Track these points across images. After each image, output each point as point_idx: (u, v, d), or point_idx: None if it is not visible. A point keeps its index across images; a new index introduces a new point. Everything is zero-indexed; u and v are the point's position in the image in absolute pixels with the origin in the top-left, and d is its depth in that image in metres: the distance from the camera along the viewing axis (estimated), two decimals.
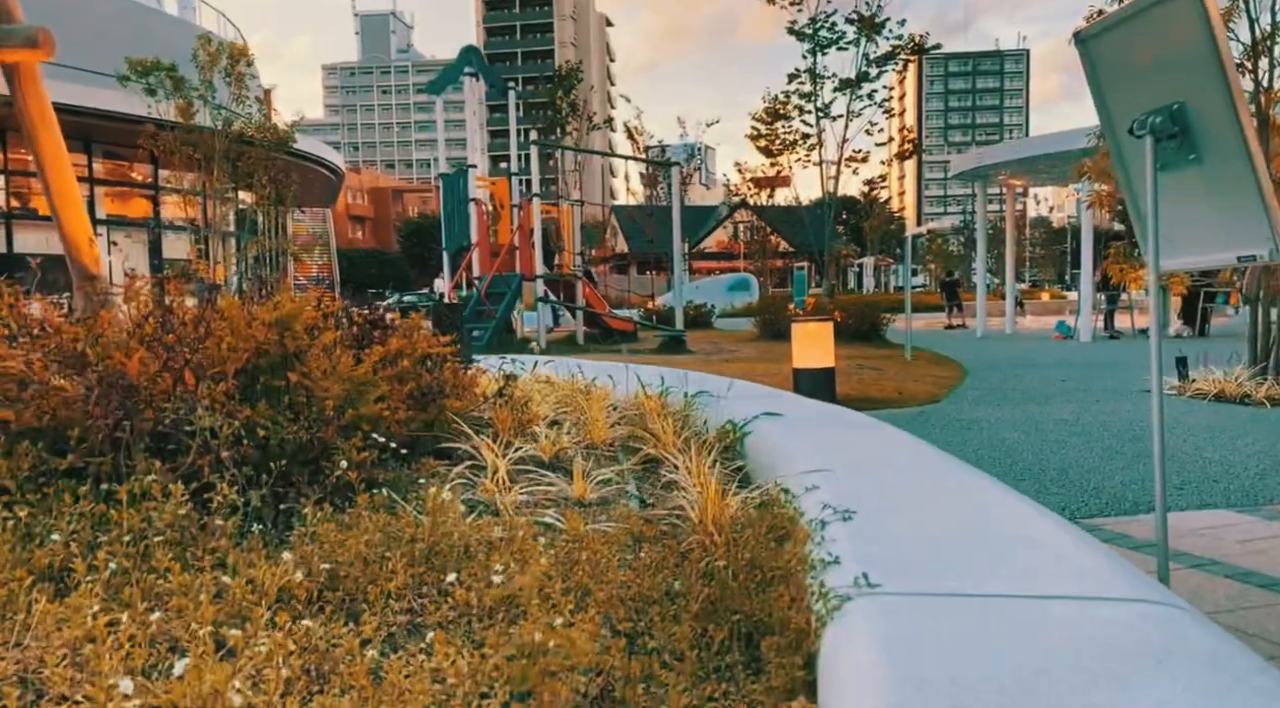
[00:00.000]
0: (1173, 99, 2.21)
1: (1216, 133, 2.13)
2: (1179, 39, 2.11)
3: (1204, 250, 2.33)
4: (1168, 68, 2.20)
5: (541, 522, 2.17)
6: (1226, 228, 2.21)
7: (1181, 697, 0.98)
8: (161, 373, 2.08)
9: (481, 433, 3.27)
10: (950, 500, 2.03)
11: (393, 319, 3.48)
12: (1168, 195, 2.32)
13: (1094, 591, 1.36)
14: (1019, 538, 1.70)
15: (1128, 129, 2.32)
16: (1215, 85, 2.06)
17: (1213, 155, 2.17)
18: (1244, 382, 8.93)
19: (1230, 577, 3.64)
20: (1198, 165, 2.22)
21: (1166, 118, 2.21)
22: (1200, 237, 2.32)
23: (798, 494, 2.22)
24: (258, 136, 20.92)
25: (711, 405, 4.10)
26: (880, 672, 1.10)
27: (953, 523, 1.80)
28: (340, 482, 2.14)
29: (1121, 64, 2.36)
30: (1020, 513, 1.90)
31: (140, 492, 1.85)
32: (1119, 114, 2.43)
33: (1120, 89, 2.40)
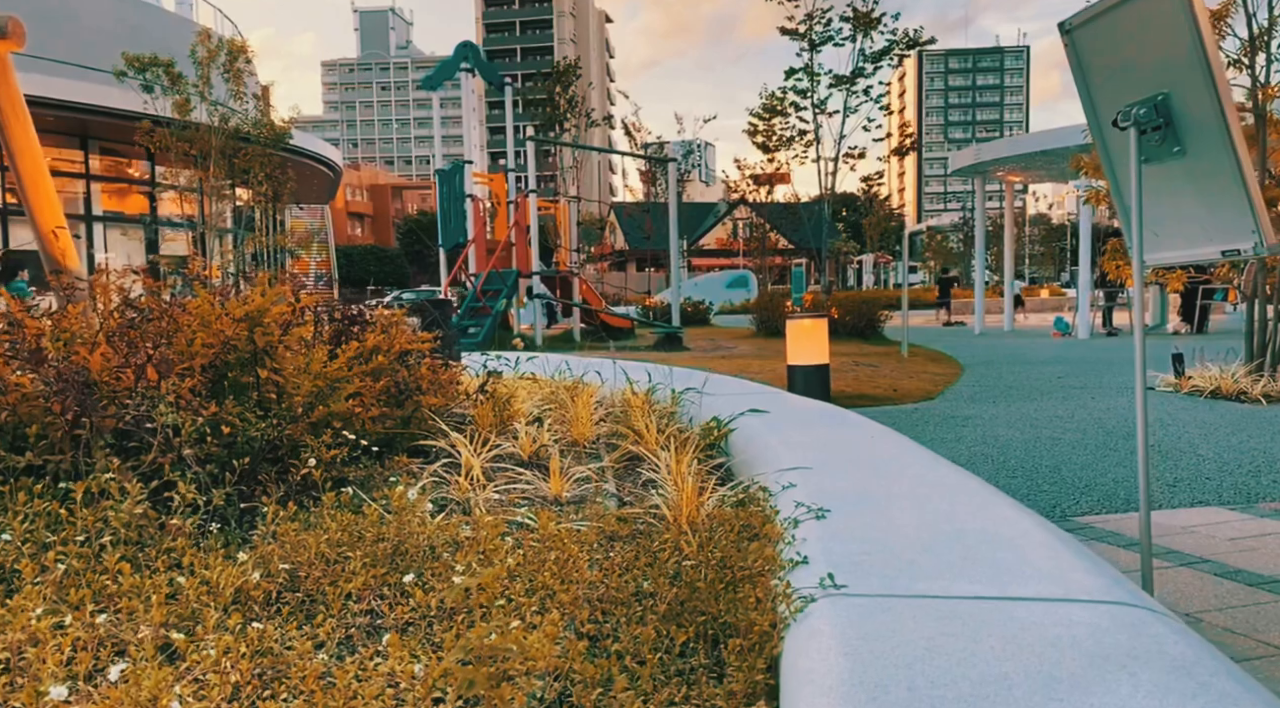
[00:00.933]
0: (1157, 91, 2.17)
1: (1200, 125, 2.08)
2: (1163, 31, 2.07)
3: (1188, 244, 2.29)
4: (1152, 59, 2.16)
5: (513, 521, 2.13)
6: (1211, 221, 2.17)
7: (1143, 703, 0.94)
8: (123, 368, 2.04)
9: (461, 430, 3.23)
10: (928, 499, 1.99)
11: (375, 315, 3.44)
12: (1152, 188, 2.28)
13: (1066, 592, 1.32)
14: (995, 537, 1.66)
15: (1112, 121, 2.28)
16: (1199, 77, 2.02)
17: (1196, 148, 2.13)
18: (1240, 378, 8.89)
19: (1219, 575, 3.60)
20: (1182, 158, 2.17)
21: (1150, 110, 2.17)
22: (1185, 230, 2.28)
23: (775, 492, 2.18)
24: (254, 133, 20.88)
25: (699, 402, 4.06)
26: (837, 676, 1.06)
27: (928, 522, 1.76)
28: (307, 480, 2.10)
29: (1106, 55, 2.32)
30: (999, 512, 1.86)
31: (98, 490, 1.81)
32: (1104, 105, 2.39)
33: (1105, 80, 2.35)
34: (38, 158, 2.76)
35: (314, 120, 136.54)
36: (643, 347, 16.07)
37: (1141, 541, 2.57)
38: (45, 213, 2.76)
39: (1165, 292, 19.66)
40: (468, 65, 17.13)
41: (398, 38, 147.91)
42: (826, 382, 8.83)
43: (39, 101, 21.09)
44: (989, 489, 2.11)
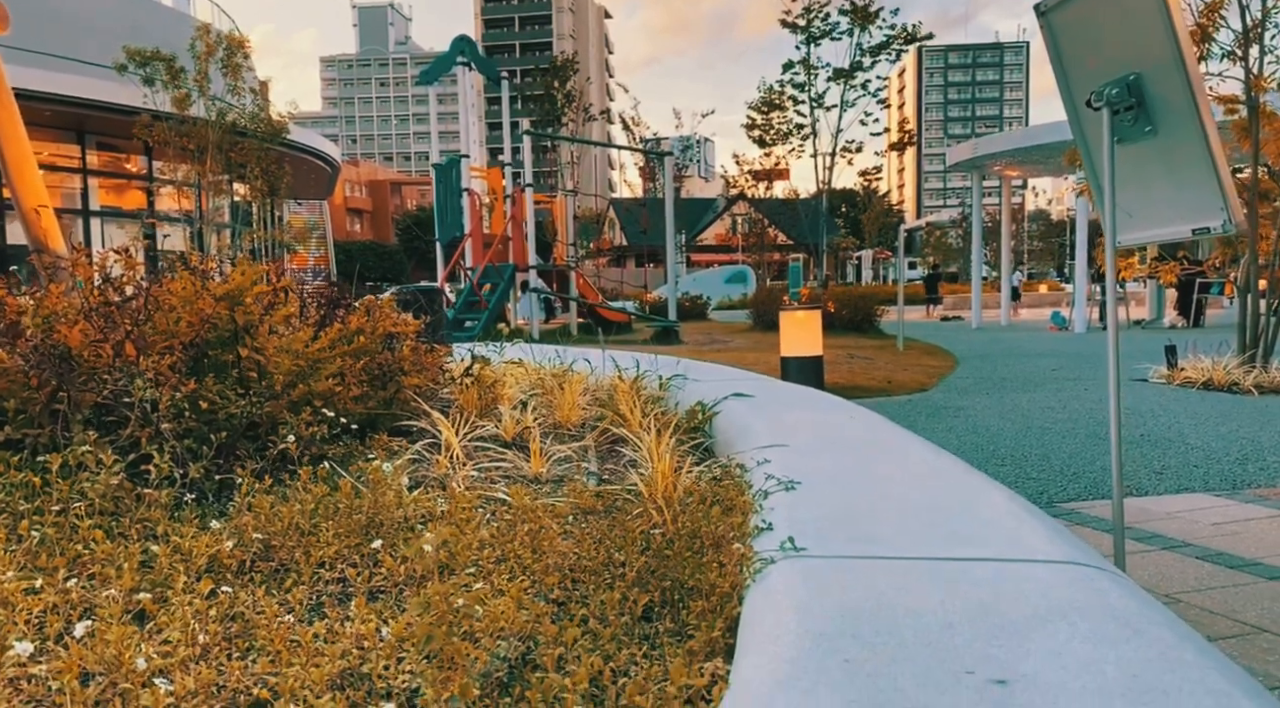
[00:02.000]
0: (1129, 71, 2.18)
1: (1171, 105, 2.10)
2: (1134, 12, 2.09)
3: (1160, 223, 2.31)
4: (1124, 41, 2.17)
5: (492, 498, 2.15)
6: (1181, 200, 2.19)
7: (1076, 647, 0.96)
8: (101, 344, 2.06)
9: (446, 413, 3.25)
10: (901, 475, 2.01)
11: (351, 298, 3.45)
12: (1125, 168, 2.30)
13: (1022, 554, 1.34)
14: (963, 507, 1.68)
15: (1085, 101, 2.30)
16: (1169, 57, 2.04)
17: (1167, 127, 2.14)
18: (1232, 370, 8.92)
19: (1201, 558, 3.63)
20: (1153, 137, 2.19)
21: (1123, 90, 2.18)
22: (1157, 209, 2.29)
23: (750, 468, 2.20)
24: (251, 127, 20.89)
25: (686, 388, 4.08)
26: (787, 628, 1.08)
27: (897, 494, 1.78)
28: (285, 455, 2.12)
29: (1080, 37, 2.33)
30: (971, 486, 1.88)
31: (75, 463, 1.83)
32: (1078, 86, 2.40)
33: (1079, 61, 2.37)
34: (22, 140, 2.78)
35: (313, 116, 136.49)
36: (639, 341, 16.09)
37: (1115, 519, 2.59)
38: (28, 193, 2.78)
39: (1160, 287, 19.68)
40: (464, 59, 17.13)
41: (397, 34, 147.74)
42: (820, 373, 8.85)
43: (36, 96, 21.07)
44: (964, 467, 2.13)
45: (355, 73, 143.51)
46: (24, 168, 2.75)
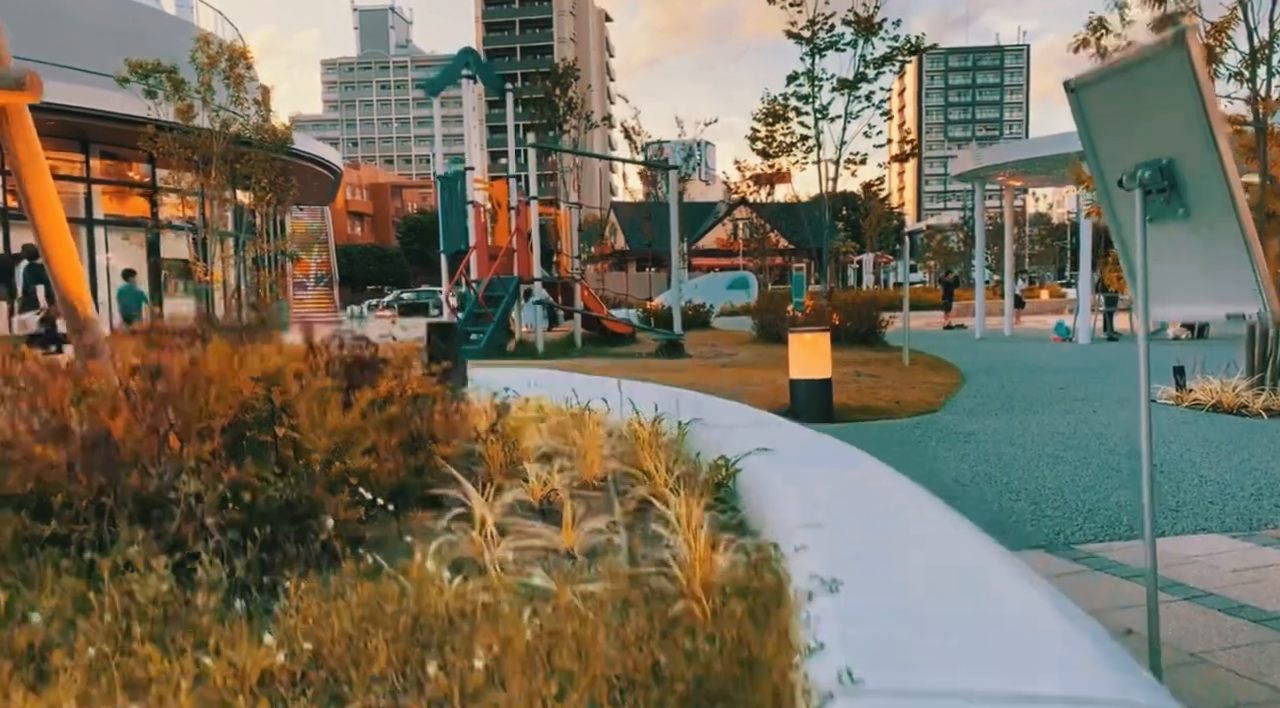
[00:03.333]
0: (1162, 153, 2.19)
1: (1205, 190, 2.11)
2: (1167, 95, 2.10)
3: (1194, 303, 2.32)
4: (1157, 122, 2.18)
5: (528, 584, 2.16)
6: (1216, 283, 2.20)
7: None
8: (147, 435, 2.07)
9: (472, 471, 3.26)
10: (942, 568, 2.02)
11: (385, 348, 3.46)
12: (1158, 247, 2.31)
13: (1080, 689, 1.35)
14: (1010, 621, 1.69)
15: (1117, 182, 2.30)
16: (1203, 144, 2.05)
17: (1201, 212, 2.16)
18: (1241, 392, 8.93)
19: (1224, 611, 3.63)
20: (1186, 220, 2.20)
21: (1156, 173, 2.19)
22: (1190, 289, 2.30)
23: (786, 555, 2.21)
24: (255, 138, 20.91)
25: (705, 434, 4.09)
26: None
27: (941, 598, 1.79)
28: (326, 545, 2.13)
29: (1111, 116, 2.34)
30: (1014, 588, 1.89)
31: (124, 562, 1.84)
32: (1109, 164, 2.41)
33: (1110, 140, 2.38)
34: (57, 211, 2.79)
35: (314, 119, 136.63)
36: (643, 354, 16.10)
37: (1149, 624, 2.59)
38: (65, 268, 2.79)
39: None
40: (469, 72, 17.16)
41: (397, 36, 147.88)
42: (829, 396, 8.87)
43: (40, 106, 21.12)
44: (1002, 556, 2.14)
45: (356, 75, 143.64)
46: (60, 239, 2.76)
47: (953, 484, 5.92)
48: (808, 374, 8.75)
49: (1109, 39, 9.31)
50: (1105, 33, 9.29)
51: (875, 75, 16.82)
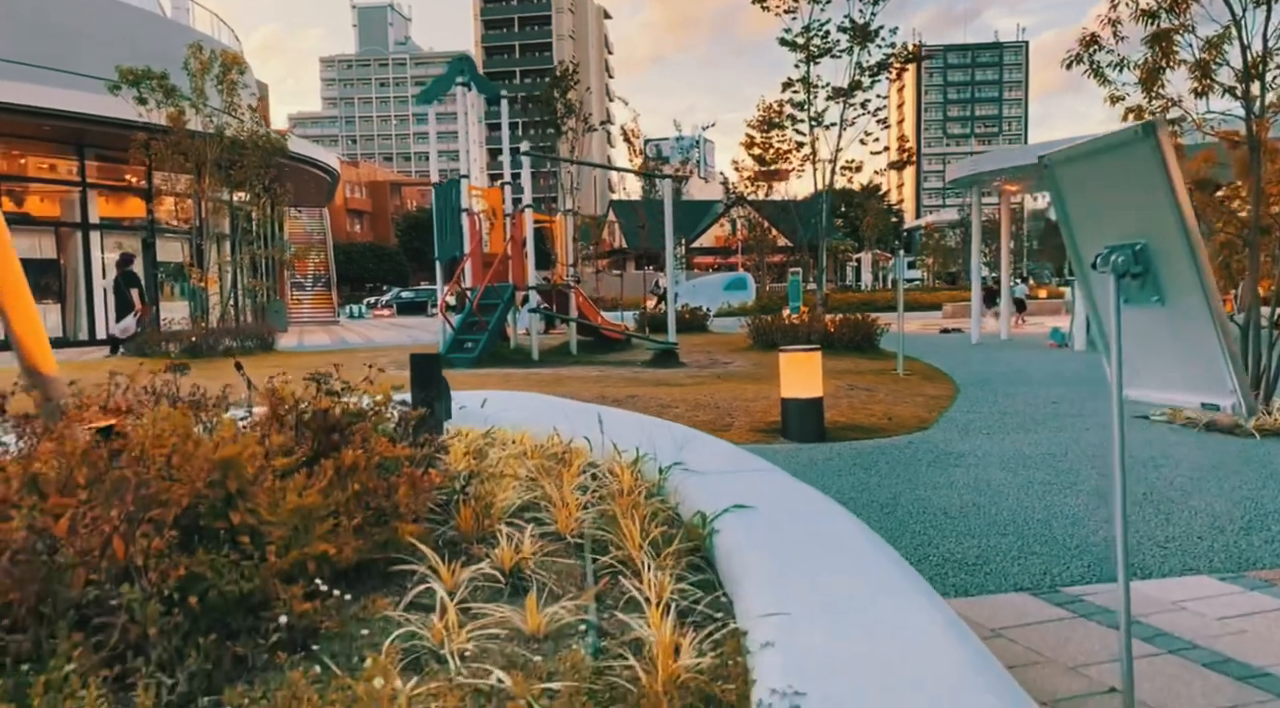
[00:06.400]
0: (1135, 237, 2.14)
1: (1178, 277, 2.06)
2: (1139, 181, 2.04)
3: (1170, 388, 2.27)
4: (1129, 206, 2.13)
5: (485, 686, 2.11)
6: (1191, 371, 2.14)
7: None
8: (91, 534, 2.02)
9: (442, 530, 3.22)
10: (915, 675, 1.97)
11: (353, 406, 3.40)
12: (1134, 329, 2.25)
13: None
14: None
15: (1091, 263, 2.25)
16: (1175, 232, 1.99)
17: (1175, 298, 2.10)
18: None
19: (1208, 666, 3.58)
20: (1160, 306, 2.15)
21: (1129, 256, 2.14)
22: (1166, 374, 2.25)
23: (752, 650, 2.16)
24: (250, 143, 20.85)
25: (685, 481, 4.04)
26: None
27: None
28: (278, 642, 2.08)
29: (1086, 195, 2.29)
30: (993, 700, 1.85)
31: (60, 679, 1.79)
32: (1084, 242, 2.36)
33: (1085, 219, 2.33)
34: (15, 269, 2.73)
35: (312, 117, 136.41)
36: (637, 362, 16.05)
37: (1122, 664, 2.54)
38: (28, 334, 2.72)
39: None
40: (463, 80, 17.09)
41: (396, 34, 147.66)
42: (820, 415, 8.83)
43: (35, 111, 21.05)
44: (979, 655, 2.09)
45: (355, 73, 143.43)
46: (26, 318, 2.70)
47: (941, 516, 5.88)
48: (799, 393, 8.71)
49: (1102, 55, 9.25)
50: (1098, 48, 9.22)
51: (871, 83, 16.74)
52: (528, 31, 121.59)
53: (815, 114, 17.21)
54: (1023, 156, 20.00)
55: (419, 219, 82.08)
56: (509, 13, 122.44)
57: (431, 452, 3.46)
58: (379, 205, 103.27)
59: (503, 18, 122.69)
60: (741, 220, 50.95)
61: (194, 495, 2.23)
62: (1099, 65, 9.23)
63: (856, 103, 16.99)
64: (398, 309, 62.34)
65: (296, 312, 40.77)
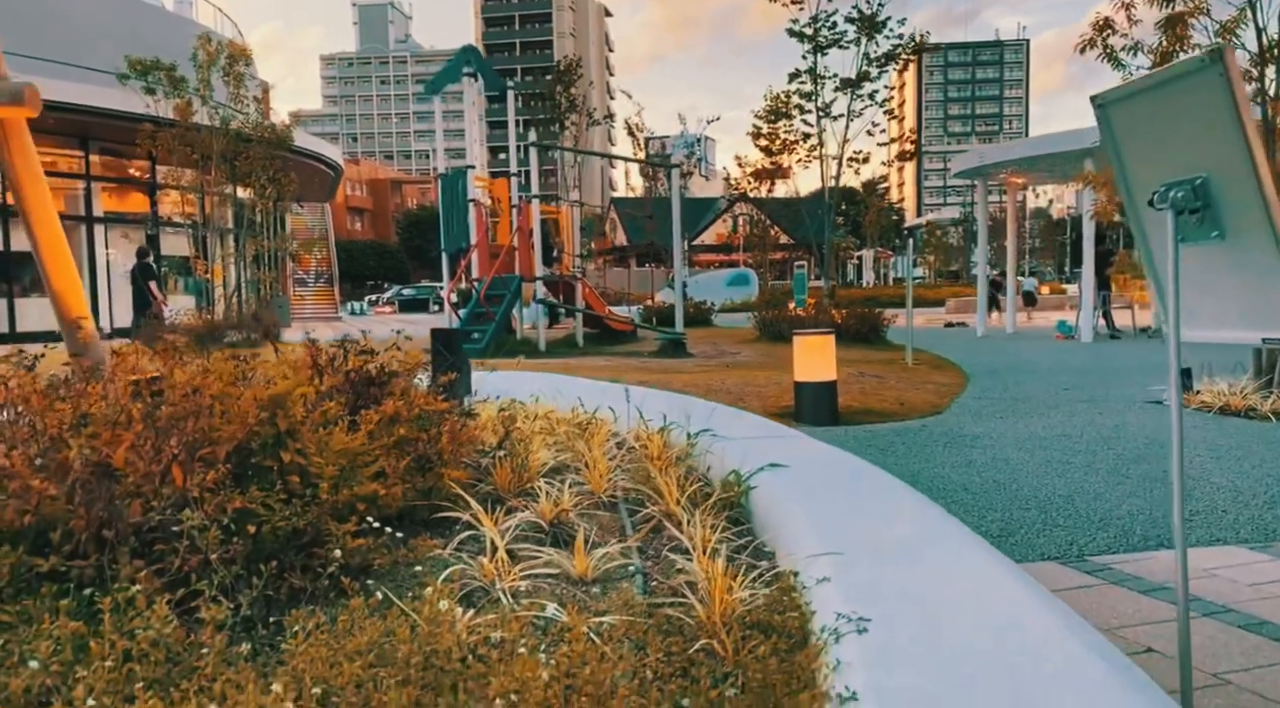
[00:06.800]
0: (1195, 172, 2.13)
1: (1241, 210, 2.04)
2: (1202, 111, 2.03)
3: (1228, 327, 2.25)
4: (1191, 140, 2.12)
5: (541, 617, 2.10)
6: (1251, 306, 2.13)
7: None
8: (150, 465, 2.01)
9: (480, 488, 3.20)
10: (973, 603, 1.96)
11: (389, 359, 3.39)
12: (1190, 268, 2.24)
13: None
14: (1049, 664, 1.62)
15: (1148, 201, 2.24)
16: (1240, 162, 1.98)
17: (1237, 232, 2.09)
18: (1249, 394, 8.87)
19: (1245, 628, 3.57)
20: (1220, 242, 2.14)
21: (1189, 192, 2.12)
22: (1224, 312, 2.24)
23: (807, 585, 2.14)
24: (255, 135, 20.82)
25: (714, 446, 4.03)
26: None
27: (977, 640, 1.73)
28: (334, 576, 2.07)
29: (1142, 132, 2.27)
30: (1047, 624, 1.83)
31: (124, 601, 1.78)
32: (1138, 182, 2.34)
33: (1140, 157, 2.31)
34: (55, 227, 2.72)
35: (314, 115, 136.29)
36: (645, 353, 16.03)
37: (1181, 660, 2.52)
38: (69, 298, 2.72)
39: None
40: (470, 70, 17.06)
41: (397, 32, 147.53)
42: (834, 398, 8.81)
43: None
44: (1030, 588, 2.07)
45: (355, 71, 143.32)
46: (59, 258, 2.69)
47: (962, 492, 5.86)
48: (813, 377, 8.69)
49: (1115, 39, 9.23)
50: (1111, 32, 9.20)
51: (878, 74, 16.72)
52: (528, 29, 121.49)
53: (823, 105, 17.18)
54: (1027, 148, 19.99)
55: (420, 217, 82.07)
56: (509, 10, 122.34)
57: (467, 410, 3.44)
58: (380, 203, 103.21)
59: (503, 15, 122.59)
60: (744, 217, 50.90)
61: (246, 432, 2.21)
62: (1112, 49, 9.21)
63: (864, 94, 16.97)
64: (399, 306, 62.32)
65: (299, 307, 40.73)
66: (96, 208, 25.39)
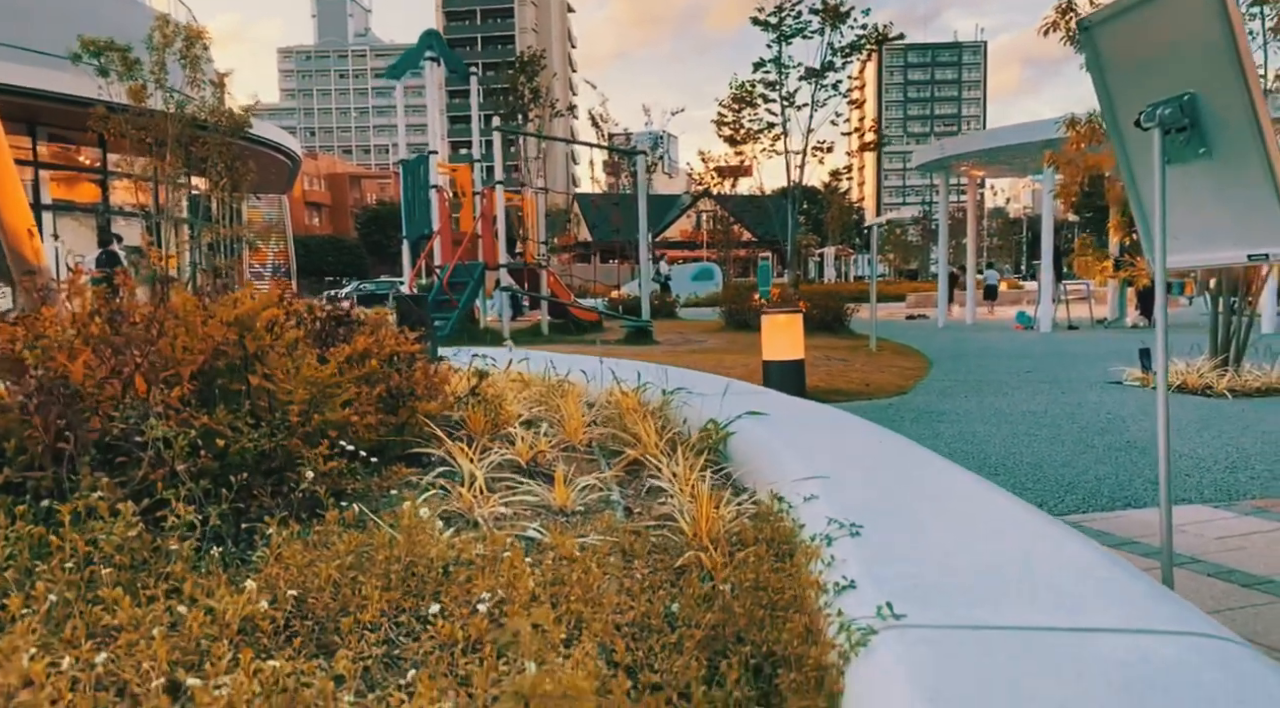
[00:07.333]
0: (1183, 90, 2.12)
1: (1229, 126, 2.04)
2: (1193, 28, 2.02)
3: (1212, 248, 2.26)
4: (1179, 57, 2.11)
5: (524, 537, 2.04)
6: (1236, 225, 2.13)
7: None
8: (109, 378, 1.91)
9: (454, 435, 3.12)
10: (960, 512, 1.93)
11: (356, 314, 3.31)
12: (1173, 190, 2.24)
13: (1135, 620, 1.27)
14: (1043, 558, 1.60)
15: (1134, 121, 2.23)
16: (1230, 76, 1.98)
17: (1224, 149, 2.09)
18: (1205, 373, 9.04)
19: (1213, 576, 3.61)
20: (1207, 159, 2.14)
21: (1176, 109, 2.12)
22: (1208, 234, 2.24)
23: (795, 504, 2.11)
24: (212, 121, 20.38)
25: (691, 403, 3.98)
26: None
27: (969, 540, 1.70)
28: (307, 495, 1.98)
29: (1129, 53, 2.27)
30: (1035, 527, 1.81)
31: (85, 510, 1.68)
32: (1123, 105, 2.34)
33: (1126, 79, 2.31)
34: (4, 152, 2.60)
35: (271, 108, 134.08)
36: (612, 340, 15.97)
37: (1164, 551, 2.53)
38: (12, 209, 2.60)
39: (1124, 286, 19.97)
40: (432, 54, 16.86)
41: (356, 25, 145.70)
42: (802, 377, 8.82)
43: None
44: (1015, 501, 2.06)
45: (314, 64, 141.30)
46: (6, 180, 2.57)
47: None
48: (781, 356, 8.69)
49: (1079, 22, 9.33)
50: (1074, 14, 9.31)
51: (842, 64, 16.82)
52: (490, 24, 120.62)
53: (787, 94, 17.24)
54: (988, 140, 20.24)
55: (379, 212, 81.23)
56: (471, 4, 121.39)
57: (439, 358, 3.36)
58: (338, 198, 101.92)
59: (465, 9, 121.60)
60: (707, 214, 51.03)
61: (212, 350, 2.12)
62: (1074, 32, 9.32)
63: (828, 84, 17.06)
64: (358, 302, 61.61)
65: None
66: (45, 195, 24.72)
